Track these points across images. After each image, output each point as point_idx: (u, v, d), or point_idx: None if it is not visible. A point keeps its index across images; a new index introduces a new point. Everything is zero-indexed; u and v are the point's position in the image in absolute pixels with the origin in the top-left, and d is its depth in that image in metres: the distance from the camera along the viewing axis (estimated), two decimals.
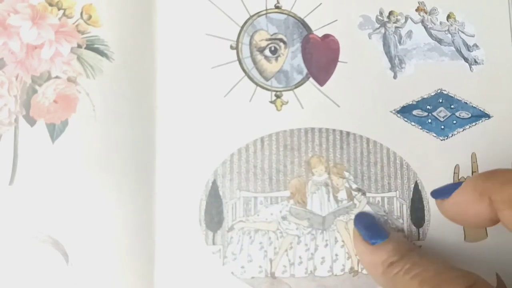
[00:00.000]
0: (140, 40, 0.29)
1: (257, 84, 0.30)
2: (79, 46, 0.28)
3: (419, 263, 0.25)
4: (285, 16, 0.31)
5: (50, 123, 0.27)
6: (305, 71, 0.31)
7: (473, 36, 0.33)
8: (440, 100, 0.32)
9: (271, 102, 0.30)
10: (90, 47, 0.28)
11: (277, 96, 0.30)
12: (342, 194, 0.30)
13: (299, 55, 0.31)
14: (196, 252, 0.28)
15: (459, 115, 0.32)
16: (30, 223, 0.27)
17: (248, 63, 0.30)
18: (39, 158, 0.27)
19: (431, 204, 0.31)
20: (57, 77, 0.28)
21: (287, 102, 0.30)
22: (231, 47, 0.30)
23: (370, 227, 0.29)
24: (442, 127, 0.32)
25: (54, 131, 0.27)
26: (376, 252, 0.27)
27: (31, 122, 0.27)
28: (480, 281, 0.24)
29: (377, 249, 0.27)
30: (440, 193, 0.28)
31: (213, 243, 0.28)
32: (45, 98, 0.27)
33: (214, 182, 0.29)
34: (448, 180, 0.31)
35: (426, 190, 0.31)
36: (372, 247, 0.27)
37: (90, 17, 0.29)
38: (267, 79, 0.30)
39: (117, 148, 0.28)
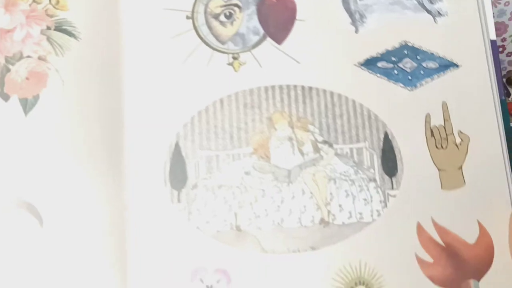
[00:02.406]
0: (105, 19, 0.34)
1: (213, 49, 0.34)
2: (49, 28, 0.34)
3: None
4: None
5: (22, 98, 0.32)
6: (261, 31, 0.34)
7: None
8: (405, 52, 0.35)
9: (228, 64, 0.34)
10: (59, 28, 0.34)
11: (234, 58, 0.34)
12: (308, 147, 0.33)
13: (255, 17, 0.35)
14: (163, 210, 0.31)
15: (426, 65, 0.35)
16: (5, 189, 0.31)
17: (204, 30, 0.34)
18: (13, 130, 0.32)
19: (403, 153, 0.33)
20: (28, 56, 0.33)
21: (244, 63, 0.34)
22: (187, 17, 0.34)
23: None
24: (410, 77, 0.35)
25: (27, 105, 0.32)
26: None
27: (5, 97, 0.32)
28: None
29: None
30: None
31: (178, 201, 0.32)
32: (18, 76, 0.33)
33: (177, 144, 0.33)
34: (420, 129, 0.34)
35: (397, 140, 0.33)
36: None
37: (58, 2, 0.34)
38: (223, 43, 0.34)
39: (86, 118, 0.32)
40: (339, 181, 0.32)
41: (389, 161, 0.33)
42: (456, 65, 0.34)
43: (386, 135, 0.33)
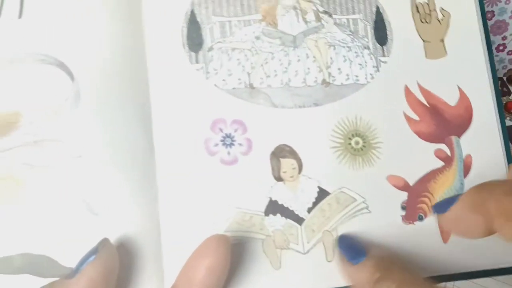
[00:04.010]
0: None
1: None
2: None
3: (406, 280, 0.29)
4: None
5: None
6: None
7: None
8: None
9: None
10: None
11: None
12: (310, 16, 0.40)
13: None
14: (183, 70, 0.38)
15: None
16: (37, 49, 0.36)
17: None
18: None
19: (393, 25, 0.41)
20: None
21: None
22: None
23: (350, 248, 0.34)
24: None
25: None
26: (359, 271, 0.31)
27: None
28: None
29: (359, 267, 0.31)
30: (439, 208, 0.33)
31: (196, 62, 0.38)
32: None
33: (192, 11, 0.39)
34: (407, 4, 0.42)
35: (387, 13, 0.41)
36: (354, 266, 0.32)
37: None
38: None
39: None
40: (338, 47, 0.40)
41: (381, 32, 0.40)
42: None
43: (378, 9, 0.41)
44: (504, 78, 0.66)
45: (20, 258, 0.33)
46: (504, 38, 0.59)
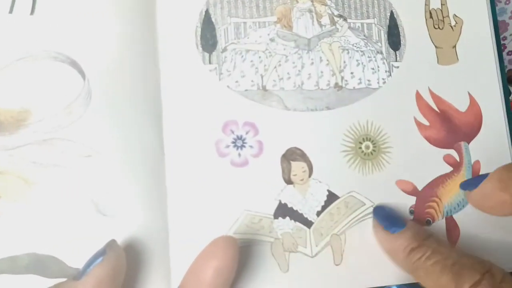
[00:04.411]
0: None
1: None
2: None
3: (438, 250, 0.31)
4: None
5: None
6: None
7: None
8: None
9: None
10: None
11: None
12: (325, 20, 0.40)
13: None
14: (196, 71, 0.37)
15: None
16: (50, 46, 0.35)
17: None
18: None
19: (406, 31, 0.41)
20: None
21: None
22: None
23: (389, 217, 0.36)
24: None
25: None
26: (396, 240, 0.34)
27: None
28: (494, 267, 0.29)
29: (396, 237, 0.34)
30: (468, 185, 0.34)
31: (210, 63, 0.38)
32: None
33: (207, 11, 0.38)
34: (421, 10, 0.41)
35: (401, 19, 0.41)
36: (392, 235, 0.34)
37: None
38: None
39: None
40: (351, 51, 0.39)
41: (394, 37, 0.40)
42: None
43: (392, 14, 0.41)
44: None
45: (26, 258, 0.32)
46: (504, 38, 0.60)
